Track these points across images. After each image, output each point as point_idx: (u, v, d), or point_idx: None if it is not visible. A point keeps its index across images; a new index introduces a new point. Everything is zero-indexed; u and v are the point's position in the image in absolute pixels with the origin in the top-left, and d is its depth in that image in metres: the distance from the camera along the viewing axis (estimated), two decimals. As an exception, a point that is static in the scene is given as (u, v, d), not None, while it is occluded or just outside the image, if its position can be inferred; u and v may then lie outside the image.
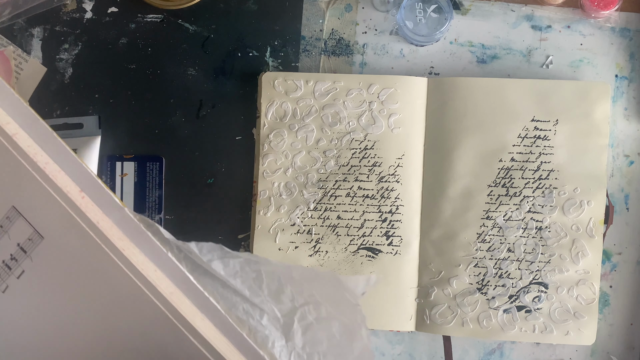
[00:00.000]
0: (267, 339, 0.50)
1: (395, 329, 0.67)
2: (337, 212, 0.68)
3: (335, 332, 0.51)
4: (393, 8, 0.69)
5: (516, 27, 0.69)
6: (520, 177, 0.67)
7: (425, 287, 0.67)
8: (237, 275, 0.50)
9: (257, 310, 0.50)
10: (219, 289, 0.50)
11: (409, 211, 0.67)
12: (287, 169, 0.68)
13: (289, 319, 0.51)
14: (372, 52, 0.69)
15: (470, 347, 0.69)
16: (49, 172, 0.49)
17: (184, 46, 0.70)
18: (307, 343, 0.51)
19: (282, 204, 0.68)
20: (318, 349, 0.51)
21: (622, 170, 0.68)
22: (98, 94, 0.70)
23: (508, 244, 0.67)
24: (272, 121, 0.68)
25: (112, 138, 0.69)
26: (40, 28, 0.70)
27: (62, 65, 0.70)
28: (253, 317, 0.50)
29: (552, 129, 0.66)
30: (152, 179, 0.69)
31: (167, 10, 0.69)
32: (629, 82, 0.68)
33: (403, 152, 0.67)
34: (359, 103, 0.67)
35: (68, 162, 0.49)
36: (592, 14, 0.68)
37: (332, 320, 0.51)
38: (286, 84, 0.68)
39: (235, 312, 0.50)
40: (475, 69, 0.69)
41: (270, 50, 0.69)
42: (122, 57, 0.70)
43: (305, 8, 0.70)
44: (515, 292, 0.66)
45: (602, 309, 0.68)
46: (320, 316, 0.51)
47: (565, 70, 0.69)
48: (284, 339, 0.51)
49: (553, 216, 0.66)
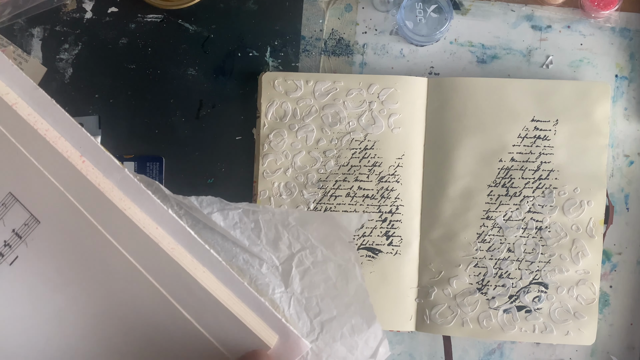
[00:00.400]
0: (267, 287, 0.53)
1: (395, 329, 0.67)
2: (337, 212, 0.67)
3: (331, 274, 0.54)
4: (393, 8, 0.69)
5: (516, 27, 0.69)
6: (520, 177, 0.67)
7: (425, 287, 0.67)
8: (236, 226, 0.52)
9: (256, 260, 0.53)
10: (219, 242, 0.53)
11: (409, 211, 0.67)
12: (287, 169, 0.68)
13: (287, 266, 0.54)
14: (372, 52, 0.69)
15: (470, 347, 0.69)
16: (49, 138, 0.50)
17: (184, 46, 0.70)
18: (305, 288, 0.54)
19: (282, 204, 0.68)
20: (315, 292, 0.54)
21: (622, 170, 0.68)
22: (98, 94, 0.70)
23: (508, 244, 0.67)
24: (272, 121, 0.68)
25: (112, 138, 0.69)
26: (40, 28, 0.70)
27: (62, 65, 0.70)
28: (253, 266, 0.53)
29: (552, 129, 0.66)
30: (152, 179, 0.69)
31: (167, 10, 0.69)
32: (629, 82, 0.68)
33: (403, 152, 0.67)
34: (359, 103, 0.67)
35: (67, 128, 0.50)
36: (592, 14, 0.68)
37: (327, 263, 0.54)
38: (286, 84, 0.68)
39: (236, 262, 0.53)
40: (475, 69, 0.69)
41: (270, 50, 0.69)
42: (122, 57, 0.70)
43: (305, 8, 0.70)
44: (515, 292, 0.66)
45: (602, 309, 0.68)
46: (316, 260, 0.54)
47: (565, 70, 0.69)
48: (283, 286, 0.54)
49: (553, 216, 0.66)
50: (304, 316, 0.54)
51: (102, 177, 0.50)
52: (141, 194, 0.51)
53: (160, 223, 0.51)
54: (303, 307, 0.54)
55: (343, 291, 0.55)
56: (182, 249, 0.50)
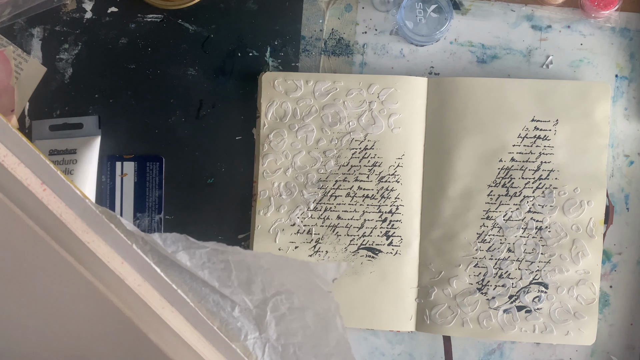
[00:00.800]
0: (239, 332, 0.49)
1: (395, 329, 0.67)
2: (337, 212, 0.68)
3: (310, 322, 0.50)
4: (393, 8, 0.69)
5: (516, 27, 0.69)
6: (520, 177, 0.67)
7: (425, 287, 0.67)
8: (204, 266, 0.48)
9: (228, 302, 0.49)
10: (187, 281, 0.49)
11: (409, 211, 0.67)
12: (287, 169, 0.68)
13: (261, 310, 0.49)
14: (372, 52, 0.69)
15: (470, 347, 0.69)
16: (7, 164, 0.47)
17: (184, 46, 0.70)
18: (281, 334, 0.50)
19: (282, 204, 0.68)
20: (293, 340, 0.50)
21: (622, 170, 0.68)
22: (98, 94, 0.70)
23: (508, 244, 0.67)
24: (272, 121, 0.68)
25: (112, 138, 0.69)
26: (40, 28, 0.70)
27: (62, 65, 0.70)
28: (224, 309, 0.49)
29: (552, 129, 0.66)
30: (152, 179, 0.69)
31: (167, 10, 0.69)
32: (629, 82, 0.68)
33: (403, 152, 0.67)
34: (359, 103, 0.67)
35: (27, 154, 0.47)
36: (592, 14, 0.68)
37: (305, 310, 0.50)
38: (286, 84, 0.68)
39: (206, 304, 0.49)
40: (475, 69, 0.69)
41: (270, 50, 0.69)
42: (122, 57, 0.70)
43: (305, 8, 0.70)
44: (515, 292, 0.66)
45: (602, 309, 0.68)
46: (293, 306, 0.49)
47: (565, 70, 0.69)
48: (258, 331, 0.50)
49: (553, 216, 0.66)
50: None
51: (64, 207, 0.47)
52: (104, 227, 0.47)
53: (126, 258, 0.47)
54: (279, 355, 0.50)
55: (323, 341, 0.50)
56: (149, 286, 0.47)
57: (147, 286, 0.47)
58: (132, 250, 0.47)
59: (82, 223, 0.47)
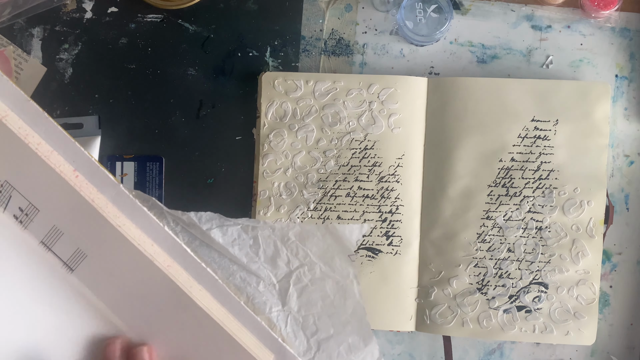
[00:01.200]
0: (264, 305, 0.53)
1: (395, 329, 0.67)
2: (337, 212, 0.67)
3: (329, 291, 0.53)
4: (393, 8, 0.69)
5: (516, 27, 0.69)
6: (520, 177, 0.67)
7: (425, 287, 0.67)
8: (234, 242, 0.52)
9: (253, 278, 0.52)
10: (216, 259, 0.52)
11: (409, 211, 0.67)
12: (287, 169, 0.68)
13: (284, 284, 0.53)
14: (372, 52, 0.69)
15: (470, 347, 0.69)
16: (41, 153, 0.48)
17: (184, 46, 0.70)
18: (302, 306, 0.54)
19: (282, 204, 0.68)
20: (313, 310, 0.54)
21: (622, 170, 0.68)
22: (98, 94, 0.70)
23: (508, 244, 0.67)
24: (272, 121, 0.68)
25: (112, 138, 0.69)
26: (40, 28, 0.70)
27: (62, 65, 0.70)
28: (250, 285, 0.52)
29: (552, 129, 0.66)
30: (152, 179, 0.69)
31: (167, 10, 0.69)
32: (629, 82, 0.68)
33: (403, 152, 0.67)
34: (359, 103, 0.67)
35: (60, 141, 0.48)
36: (592, 14, 0.68)
37: (326, 280, 0.53)
38: (286, 84, 0.68)
39: (233, 280, 0.52)
40: (475, 69, 0.69)
41: (270, 50, 0.69)
42: (122, 57, 0.70)
43: (305, 8, 0.70)
44: (515, 292, 0.66)
45: (602, 309, 0.68)
46: (314, 277, 0.53)
47: (565, 70, 0.69)
48: (280, 304, 0.53)
49: (553, 216, 0.66)
50: (300, 335, 0.54)
51: (96, 193, 0.49)
52: (136, 210, 0.49)
53: (156, 240, 0.49)
54: (300, 326, 0.54)
55: (341, 309, 0.54)
56: (178, 266, 0.49)
57: (177, 266, 0.49)
58: (163, 232, 0.49)
59: (114, 207, 0.48)
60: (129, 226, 0.49)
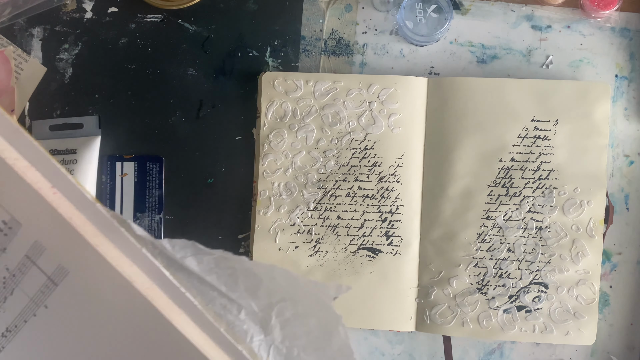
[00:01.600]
0: (245, 334, 0.50)
1: (395, 329, 0.67)
2: (337, 212, 0.68)
3: (313, 327, 0.51)
4: (393, 8, 0.69)
5: (516, 27, 0.69)
6: (520, 177, 0.67)
7: (425, 287, 0.67)
8: (212, 271, 0.49)
9: (234, 305, 0.50)
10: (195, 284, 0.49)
11: (409, 211, 0.67)
12: (287, 169, 0.68)
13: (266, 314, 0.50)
14: (372, 52, 0.69)
15: (470, 347, 0.69)
16: (18, 168, 0.47)
17: (184, 46, 0.70)
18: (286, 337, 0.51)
19: (282, 204, 0.68)
20: (297, 343, 0.51)
21: (622, 170, 0.68)
22: (98, 94, 0.70)
23: (508, 244, 0.67)
24: (272, 121, 0.68)
25: (112, 138, 0.69)
26: (40, 28, 0.70)
27: (62, 65, 0.70)
28: (231, 312, 0.50)
29: (552, 129, 0.66)
30: (152, 179, 0.69)
31: (167, 10, 0.69)
32: (629, 82, 0.68)
33: (403, 152, 0.67)
34: (359, 103, 0.67)
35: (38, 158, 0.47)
36: (592, 14, 0.68)
37: (309, 317, 0.51)
38: (286, 84, 0.68)
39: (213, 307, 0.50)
40: (475, 69, 0.69)
41: (270, 50, 0.69)
42: (122, 57, 0.70)
43: (305, 8, 0.70)
44: (515, 292, 0.66)
45: (602, 309, 0.68)
46: (297, 312, 0.50)
47: (565, 70, 0.69)
48: (263, 333, 0.51)
49: (553, 216, 0.66)
50: None
51: (74, 210, 0.47)
52: (114, 231, 0.47)
53: (135, 261, 0.48)
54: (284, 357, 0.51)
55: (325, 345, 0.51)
56: (157, 289, 0.48)
57: (156, 289, 0.48)
58: (141, 254, 0.47)
59: (92, 226, 0.47)
60: (108, 246, 0.47)
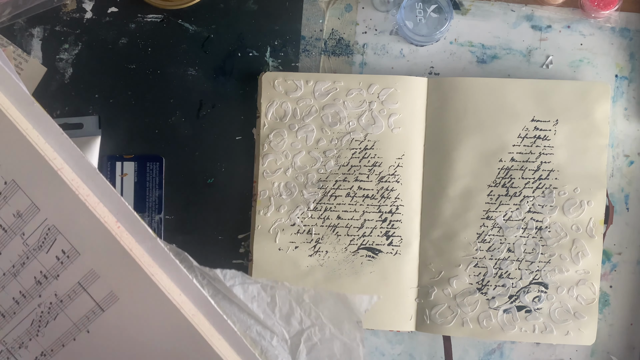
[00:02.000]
0: (276, 358, 0.57)
1: (395, 329, 0.67)
2: (337, 212, 0.68)
3: (336, 351, 0.58)
4: (393, 8, 0.69)
5: (516, 27, 0.69)
6: (520, 177, 0.67)
7: (425, 287, 0.67)
8: (254, 299, 0.57)
9: (268, 332, 0.57)
10: (235, 313, 0.57)
11: (409, 211, 0.67)
12: (287, 169, 0.68)
13: (296, 340, 0.58)
14: (372, 52, 0.69)
15: (470, 347, 0.69)
16: (89, 204, 0.53)
17: (184, 46, 0.70)
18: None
19: (282, 204, 0.68)
20: None
21: (622, 170, 0.68)
22: (98, 94, 0.70)
23: (508, 244, 0.67)
24: (272, 121, 0.68)
25: (112, 138, 0.69)
26: (40, 28, 0.70)
27: (62, 65, 0.70)
28: (265, 339, 0.57)
29: (552, 129, 0.66)
30: (152, 179, 0.69)
31: (167, 10, 0.69)
32: (629, 82, 0.68)
33: (403, 152, 0.67)
34: (359, 103, 0.67)
35: (106, 194, 0.54)
36: (592, 14, 0.68)
37: (334, 341, 0.58)
38: (286, 84, 0.68)
39: (250, 333, 0.57)
40: (475, 69, 0.69)
41: (270, 50, 0.69)
42: (122, 57, 0.70)
43: (305, 8, 0.70)
44: (515, 292, 0.66)
45: (602, 309, 0.68)
46: (324, 337, 0.58)
47: (565, 70, 0.69)
48: (291, 358, 0.58)
49: (553, 216, 0.66)
50: None
51: (134, 243, 0.54)
52: (169, 261, 0.54)
53: (184, 290, 0.54)
54: None
55: None
56: (201, 316, 0.54)
57: (200, 316, 0.54)
58: (191, 283, 0.54)
59: (149, 257, 0.54)
60: (161, 275, 0.54)
